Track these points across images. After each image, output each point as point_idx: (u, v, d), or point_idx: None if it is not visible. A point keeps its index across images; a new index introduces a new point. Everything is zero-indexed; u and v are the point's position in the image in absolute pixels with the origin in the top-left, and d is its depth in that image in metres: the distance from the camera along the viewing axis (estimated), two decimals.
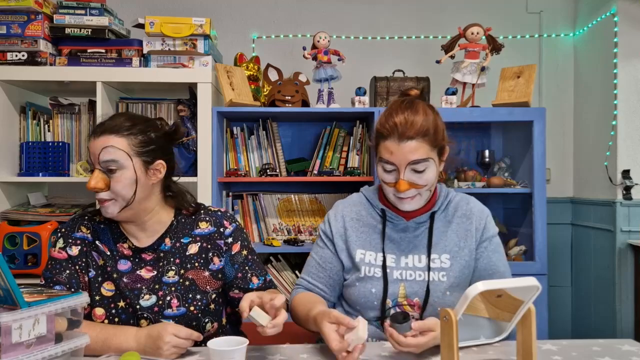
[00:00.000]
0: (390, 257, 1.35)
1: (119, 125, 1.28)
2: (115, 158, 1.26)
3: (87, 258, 1.34)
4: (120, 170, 1.26)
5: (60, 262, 1.34)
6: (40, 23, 2.25)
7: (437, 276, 1.32)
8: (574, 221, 3.09)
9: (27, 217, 2.27)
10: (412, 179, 1.27)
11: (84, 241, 1.35)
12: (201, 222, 1.40)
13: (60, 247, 1.35)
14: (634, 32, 2.69)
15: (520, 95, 2.45)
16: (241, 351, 1.06)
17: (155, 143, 1.32)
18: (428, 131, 1.27)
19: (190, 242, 1.37)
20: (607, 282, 2.77)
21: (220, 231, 1.40)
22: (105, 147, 1.25)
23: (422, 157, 1.26)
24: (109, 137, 1.26)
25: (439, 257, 1.34)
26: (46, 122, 2.46)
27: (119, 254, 1.35)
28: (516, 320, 1.05)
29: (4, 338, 0.93)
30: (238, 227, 1.43)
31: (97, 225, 1.38)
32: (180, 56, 2.35)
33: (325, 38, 2.48)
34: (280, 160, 2.62)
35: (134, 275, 1.33)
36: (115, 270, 1.33)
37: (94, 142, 1.27)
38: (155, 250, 1.35)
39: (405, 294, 1.32)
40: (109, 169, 1.26)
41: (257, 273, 1.43)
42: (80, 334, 1.08)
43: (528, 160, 2.52)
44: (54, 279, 1.32)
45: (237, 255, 1.41)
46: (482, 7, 3.04)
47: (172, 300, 1.31)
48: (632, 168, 2.69)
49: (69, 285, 1.31)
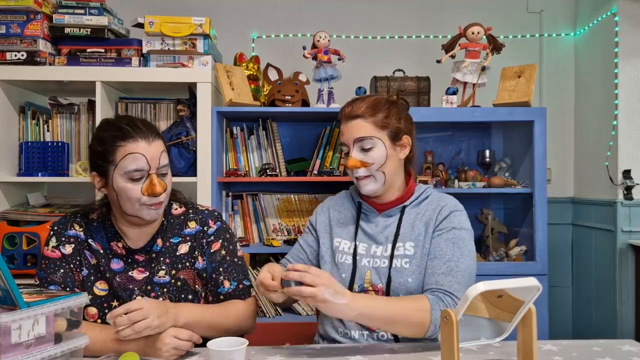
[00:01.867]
0: (362, 245, 1.41)
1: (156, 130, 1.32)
2: (167, 163, 1.31)
3: (80, 256, 1.33)
4: (168, 174, 1.32)
5: (54, 262, 1.32)
6: (40, 23, 2.25)
7: (400, 263, 1.35)
8: (575, 221, 3.09)
9: (26, 217, 2.27)
10: (360, 157, 1.37)
11: (77, 239, 1.34)
12: (190, 221, 1.40)
13: (53, 246, 1.34)
14: (635, 32, 2.69)
15: (521, 95, 2.45)
16: (241, 352, 1.06)
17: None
18: (374, 112, 1.37)
19: (180, 242, 1.37)
20: (608, 283, 2.76)
21: (204, 230, 1.39)
22: (163, 150, 1.30)
23: (367, 134, 1.36)
24: (160, 141, 1.30)
25: (404, 245, 1.37)
26: (45, 122, 2.46)
27: (112, 252, 1.34)
28: (517, 321, 1.04)
29: (4, 338, 0.92)
30: (222, 227, 1.42)
31: (90, 223, 1.36)
32: (180, 56, 2.35)
33: (325, 37, 2.48)
34: (280, 160, 2.62)
35: (126, 275, 1.32)
36: (108, 269, 1.32)
37: (150, 147, 1.26)
38: (148, 251, 1.35)
39: (371, 280, 1.36)
40: (162, 173, 1.29)
41: (231, 276, 1.38)
42: (79, 335, 1.08)
43: (529, 160, 2.52)
44: (48, 278, 1.30)
45: (216, 253, 1.39)
46: (483, 6, 3.04)
47: (165, 300, 1.30)
48: (633, 168, 2.69)
49: (64, 284, 1.30)
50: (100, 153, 1.27)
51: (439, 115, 2.48)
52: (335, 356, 1.20)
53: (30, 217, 2.26)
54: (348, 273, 1.38)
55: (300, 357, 1.19)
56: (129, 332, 1.13)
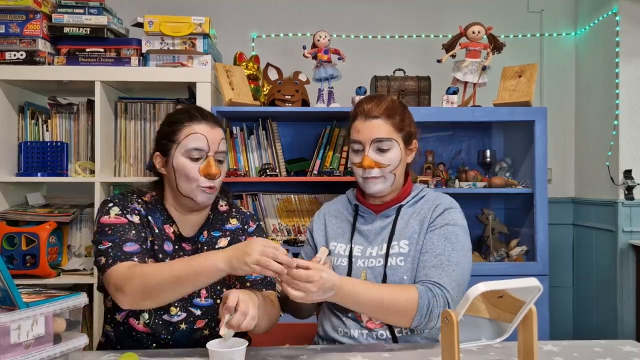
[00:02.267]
0: (358, 247, 1.42)
1: (216, 117, 1.40)
2: (226, 149, 1.40)
3: (147, 228, 1.33)
4: (224, 162, 1.39)
5: (122, 226, 1.28)
6: (39, 22, 2.25)
7: (395, 261, 1.35)
8: (576, 221, 3.09)
9: (25, 218, 2.26)
10: (376, 158, 1.36)
11: (140, 212, 1.34)
12: (232, 218, 1.46)
13: (117, 214, 1.30)
14: (636, 32, 2.68)
15: (522, 95, 2.45)
16: (241, 352, 1.05)
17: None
18: (392, 114, 1.38)
19: (221, 236, 1.41)
20: (609, 283, 2.76)
21: (244, 228, 1.45)
22: (223, 138, 1.37)
23: (385, 135, 1.36)
24: (219, 129, 1.37)
25: (398, 243, 1.38)
26: (45, 121, 2.45)
27: (166, 235, 1.36)
28: (517, 321, 1.04)
29: (3, 339, 0.92)
30: (259, 227, 1.49)
31: (146, 203, 1.38)
32: (180, 55, 2.34)
33: (326, 37, 2.47)
34: (280, 160, 2.61)
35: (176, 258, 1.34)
36: (161, 250, 1.33)
37: (213, 130, 1.34)
38: (195, 242, 1.38)
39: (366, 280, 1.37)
40: (219, 160, 1.35)
41: None
42: (78, 335, 1.07)
43: (529, 160, 2.52)
44: (123, 237, 1.26)
45: None
46: (483, 6, 3.03)
47: (202, 290, 1.32)
48: (634, 168, 2.68)
49: (141, 242, 1.27)
50: (167, 133, 1.35)
51: (439, 115, 2.48)
52: (336, 356, 1.19)
53: (29, 217, 2.26)
54: (344, 275, 1.37)
55: (300, 357, 1.19)
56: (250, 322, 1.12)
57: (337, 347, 1.29)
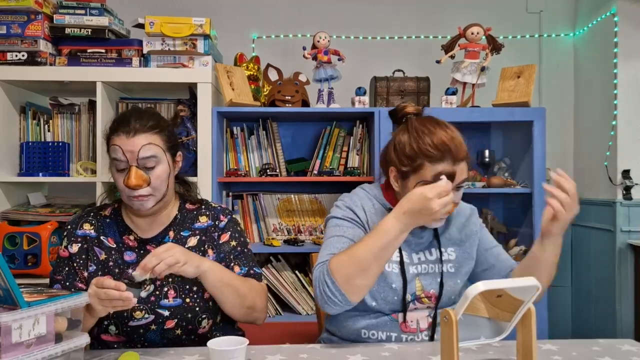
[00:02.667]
0: (404, 253, 1.38)
1: (152, 123, 1.34)
2: (155, 154, 1.32)
3: (88, 253, 1.37)
4: (159, 166, 1.34)
5: (63, 261, 1.39)
6: (40, 23, 2.25)
7: (446, 267, 1.39)
8: (574, 221, 3.08)
9: (27, 217, 2.27)
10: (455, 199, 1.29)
11: (85, 238, 1.39)
12: (201, 216, 1.45)
13: (64, 246, 1.40)
14: (634, 32, 2.69)
15: (520, 95, 2.45)
16: (241, 351, 1.06)
17: (175, 137, 1.43)
18: (467, 150, 1.35)
19: (190, 236, 1.41)
20: (607, 282, 2.77)
21: (215, 224, 1.44)
22: (145, 144, 1.31)
23: (467, 175, 1.35)
24: (145, 135, 1.32)
25: (446, 250, 1.41)
26: (46, 122, 2.46)
27: (125, 246, 1.38)
28: (516, 320, 1.05)
29: (4, 338, 0.92)
30: (232, 219, 1.47)
31: (103, 220, 1.41)
32: (180, 56, 2.35)
33: (325, 38, 2.48)
34: (280, 160, 2.62)
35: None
36: (122, 261, 1.36)
37: (128, 140, 1.31)
38: (160, 242, 1.38)
39: (422, 287, 1.37)
40: (147, 166, 1.32)
41: (242, 263, 1.42)
42: (80, 334, 1.08)
43: (528, 160, 2.52)
44: (54, 277, 1.38)
45: (225, 244, 1.42)
46: (482, 6, 3.04)
47: (169, 291, 1.33)
48: (632, 168, 2.69)
49: (64, 281, 1.36)
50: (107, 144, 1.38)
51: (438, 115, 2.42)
52: (335, 355, 1.20)
53: (31, 217, 2.27)
54: (398, 284, 1.34)
55: (300, 357, 1.19)
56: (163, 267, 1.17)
57: (337, 345, 1.30)
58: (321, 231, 2.74)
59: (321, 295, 1.24)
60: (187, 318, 1.33)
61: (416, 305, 1.36)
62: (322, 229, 2.75)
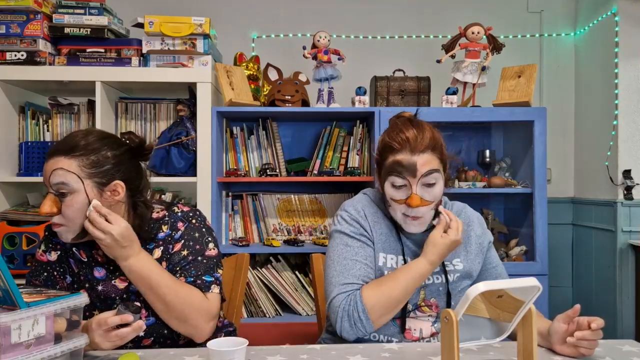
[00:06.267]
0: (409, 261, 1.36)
1: (71, 145, 1.21)
2: (65, 181, 1.19)
3: (65, 264, 1.33)
4: (71, 195, 1.19)
5: (41, 265, 1.34)
6: (40, 23, 2.25)
7: (452, 278, 1.38)
8: (575, 221, 3.09)
9: (26, 217, 2.27)
10: (422, 194, 1.28)
11: (63, 247, 1.33)
12: (164, 225, 1.33)
13: (43, 250, 1.35)
14: (635, 32, 2.69)
15: (521, 95, 2.45)
16: (241, 351, 1.06)
17: (111, 162, 1.23)
18: (436, 145, 1.31)
19: (155, 247, 1.31)
20: (608, 283, 2.76)
21: (172, 234, 1.32)
22: (55, 169, 1.19)
23: (433, 167, 1.28)
24: (59, 159, 1.20)
25: (451, 262, 1.39)
26: (45, 122, 2.46)
27: (94, 260, 1.31)
28: (517, 321, 1.04)
29: (3, 338, 0.92)
30: (190, 226, 1.33)
31: None
32: (180, 56, 2.34)
33: (325, 37, 2.48)
34: (280, 160, 2.62)
35: (109, 284, 1.29)
36: (91, 277, 1.29)
37: (46, 164, 1.22)
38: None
39: (424, 297, 1.37)
40: (61, 193, 1.20)
41: (189, 273, 1.29)
42: (79, 334, 1.07)
43: (529, 160, 2.52)
44: (31, 281, 1.32)
45: (175, 255, 1.30)
46: (483, 6, 3.04)
47: (142, 310, 1.25)
48: (633, 168, 2.69)
49: (43, 287, 1.30)
50: None
51: (439, 115, 2.48)
52: (335, 356, 1.20)
53: (30, 217, 2.27)
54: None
55: (300, 358, 1.19)
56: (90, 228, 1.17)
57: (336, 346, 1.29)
58: (321, 231, 2.74)
59: (351, 327, 1.28)
60: (163, 334, 1.28)
61: (417, 315, 1.36)
62: (322, 229, 2.74)
